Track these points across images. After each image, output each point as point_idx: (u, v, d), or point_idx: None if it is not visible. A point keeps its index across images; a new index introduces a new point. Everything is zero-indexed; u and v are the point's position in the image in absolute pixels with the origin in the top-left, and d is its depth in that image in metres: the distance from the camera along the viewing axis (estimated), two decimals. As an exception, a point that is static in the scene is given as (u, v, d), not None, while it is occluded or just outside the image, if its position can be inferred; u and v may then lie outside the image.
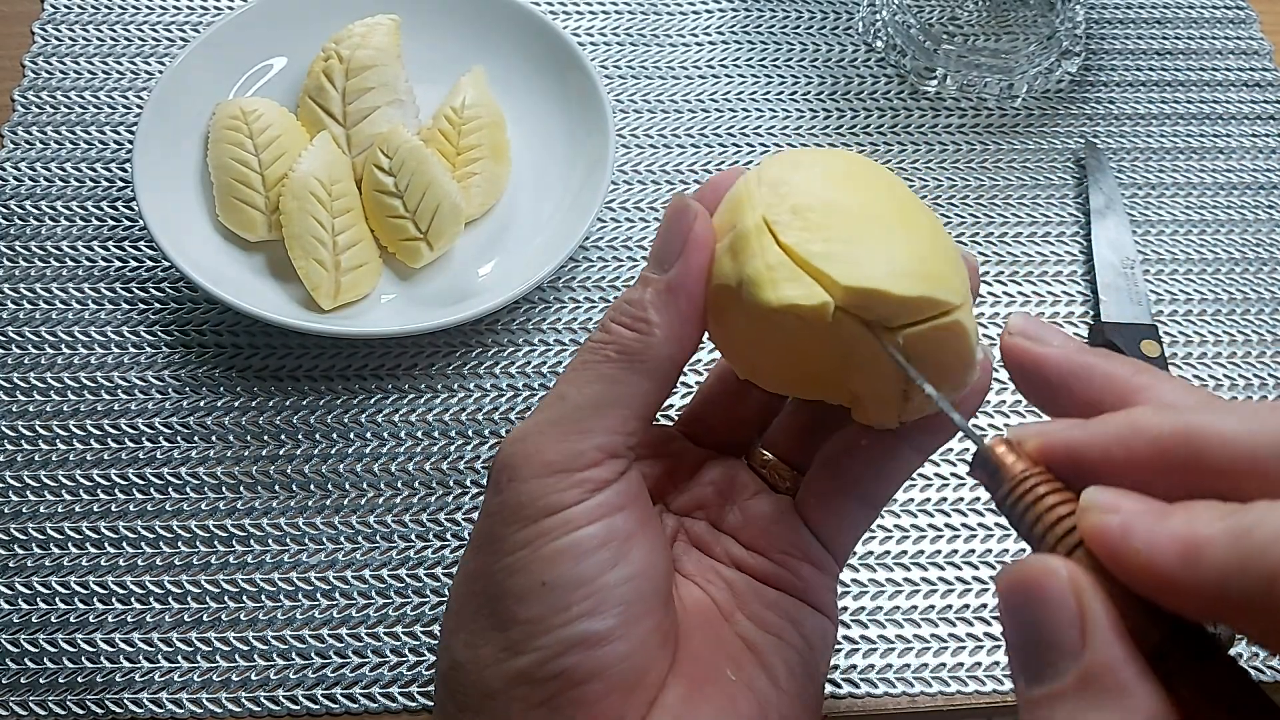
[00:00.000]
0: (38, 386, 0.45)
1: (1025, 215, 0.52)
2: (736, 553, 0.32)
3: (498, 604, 0.28)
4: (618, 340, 0.29)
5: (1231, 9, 0.61)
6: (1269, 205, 0.54)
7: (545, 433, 0.28)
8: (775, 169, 0.29)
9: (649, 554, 0.28)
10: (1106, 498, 0.21)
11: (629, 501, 0.28)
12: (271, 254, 0.47)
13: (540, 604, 0.27)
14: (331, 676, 0.40)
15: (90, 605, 0.41)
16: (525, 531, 0.27)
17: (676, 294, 0.29)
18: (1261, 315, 0.50)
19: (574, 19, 0.58)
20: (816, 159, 0.30)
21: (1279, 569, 0.18)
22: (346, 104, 0.48)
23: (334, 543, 0.42)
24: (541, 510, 0.27)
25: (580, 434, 0.28)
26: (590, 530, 0.27)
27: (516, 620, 0.27)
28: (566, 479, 0.27)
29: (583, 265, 0.50)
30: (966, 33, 0.57)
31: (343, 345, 0.47)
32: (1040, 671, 0.20)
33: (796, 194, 0.28)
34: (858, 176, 0.29)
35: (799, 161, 0.29)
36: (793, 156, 0.30)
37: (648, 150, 0.53)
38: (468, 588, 0.29)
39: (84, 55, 0.55)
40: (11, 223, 0.49)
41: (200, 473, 0.43)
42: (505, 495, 0.28)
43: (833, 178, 0.29)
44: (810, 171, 0.29)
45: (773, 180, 0.28)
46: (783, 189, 0.28)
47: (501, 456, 0.28)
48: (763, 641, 0.30)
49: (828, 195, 0.28)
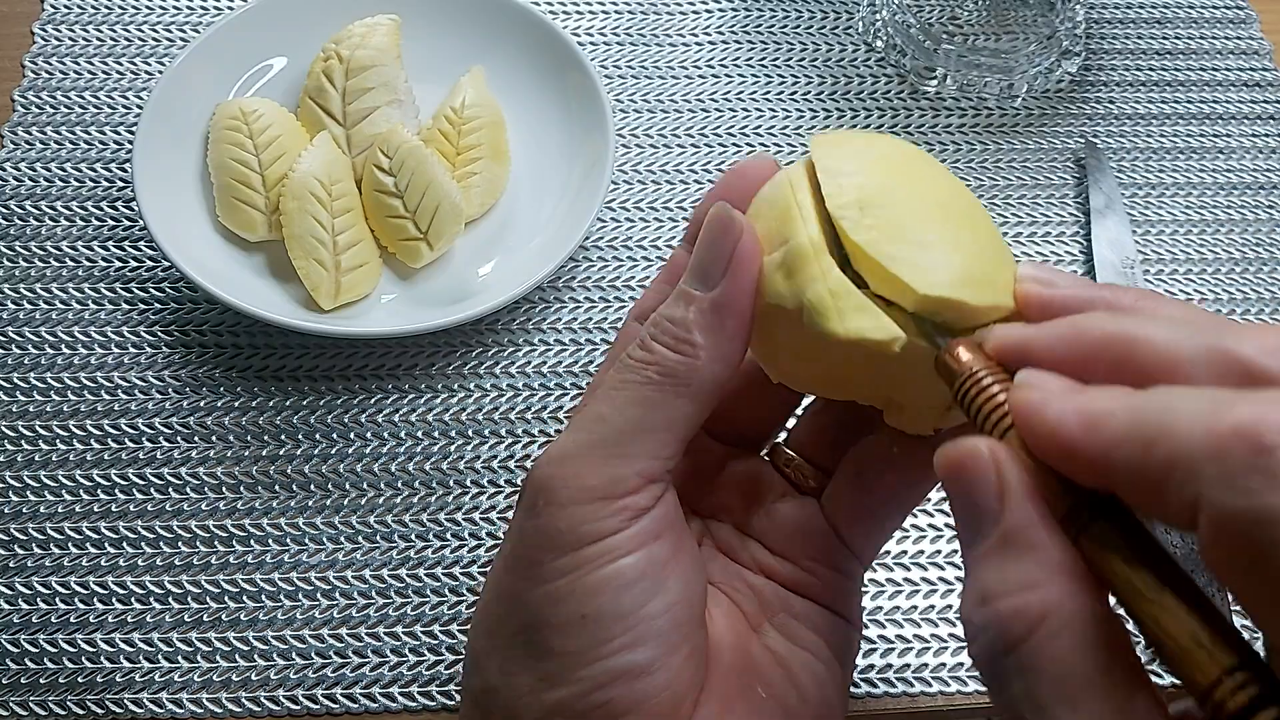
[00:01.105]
0: (38, 386, 0.45)
1: (1025, 215, 0.52)
2: (764, 559, 0.32)
3: (535, 633, 0.27)
4: (660, 361, 0.28)
5: (1231, 9, 0.61)
6: (1269, 205, 0.54)
7: (585, 456, 0.27)
8: (831, 158, 0.28)
9: (686, 579, 0.28)
10: (1034, 377, 0.23)
11: (666, 527, 0.28)
12: (271, 254, 0.47)
13: (580, 637, 0.26)
14: (331, 676, 0.40)
15: (90, 605, 0.41)
16: (564, 560, 0.27)
17: (723, 314, 0.27)
18: (1261, 315, 0.50)
19: (574, 19, 0.58)
20: (870, 144, 0.29)
21: (1156, 434, 0.20)
22: (346, 104, 0.48)
23: (334, 543, 0.42)
24: (581, 539, 0.27)
25: (621, 458, 0.27)
26: (630, 560, 0.27)
27: (555, 652, 0.27)
28: (607, 506, 0.27)
29: (583, 265, 0.50)
30: (966, 33, 0.57)
31: (343, 345, 0.47)
32: (972, 537, 0.23)
33: (861, 186, 0.27)
34: (913, 164, 0.29)
35: (853, 148, 0.28)
36: (843, 140, 0.29)
37: (648, 150, 0.53)
38: (501, 609, 0.28)
39: (84, 55, 0.55)
40: (11, 223, 0.49)
41: (200, 473, 0.43)
42: (542, 520, 0.27)
43: (893, 166, 0.28)
44: (868, 159, 0.28)
45: (832, 169, 0.27)
46: (844, 179, 0.27)
47: (538, 478, 0.28)
48: (791, 655, 0.30)
49: (892, 187, 0.27)
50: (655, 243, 0.50)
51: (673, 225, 0.51)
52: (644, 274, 0.49)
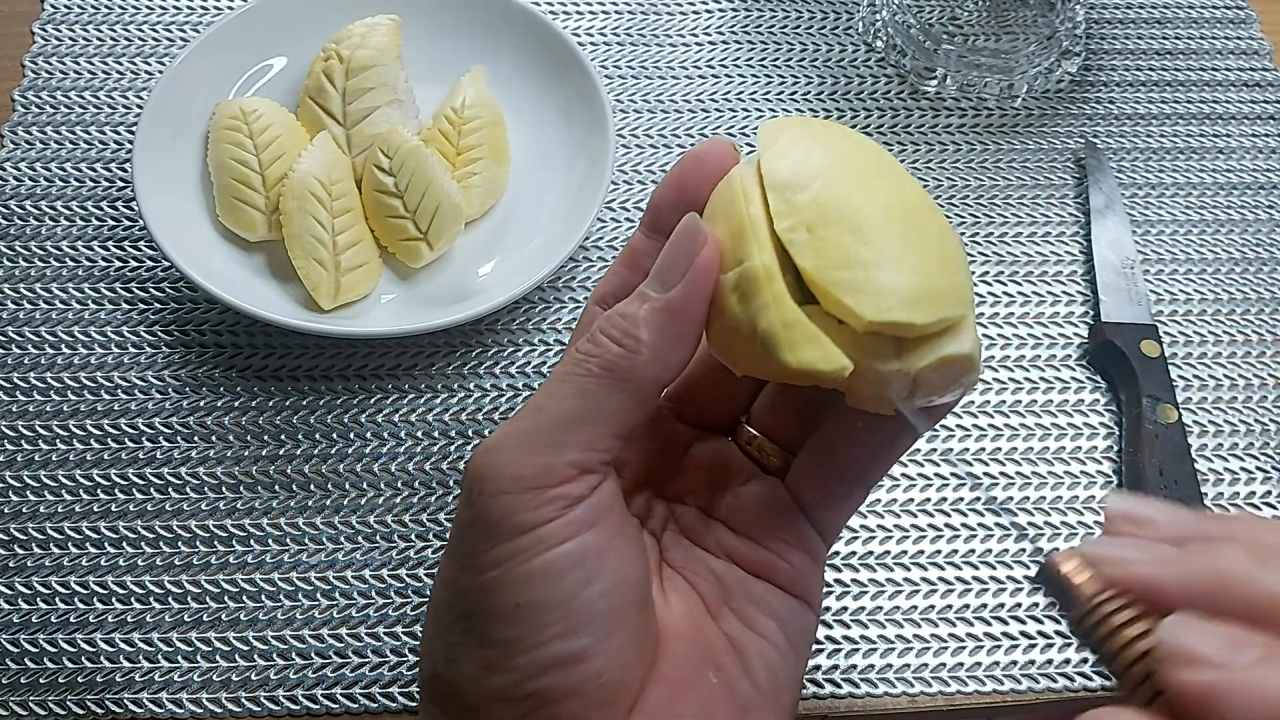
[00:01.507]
0: (38, 386, 0.45)
1: (1025, 215, 0.52)
2: (728, 541, 0.32)
3: (473, 621, 0.27)
4: (603, 354, 0.28)
5: (1231, 9, 0.61)
6: (1269, 205, 0.54)
7: (519, 445, 0.28)
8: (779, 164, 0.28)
9: (623, 566, 0.28)
10: (1190, 645, 0.21)
11: (601, 515, 0.28)
12: (271, 254, 0.47)
13: (515, 626, 0.27)
14: (331, 676, 0.40)
15: (90, 605, 0.41)
16: (497, 550, 0.27)
17: (674, 316, 0.28)
18: (1261, 315, 0.50)
19: (574, 19, 0.58)
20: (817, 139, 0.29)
21: None
22: (346, 104, 0.48)
23: (334, 543, 0.42)
24: (514, 529, 0.27)
25: (553, 448, 0.27)
26: (563, 549, 0.27)
27: (493, 640, 0.27)
28: (539, 495, 0.27)
29: (583, 265, 0.50)
30: (966, 33, 0.57)
31: (343, 345, 0.47)
32: None
33: (807, 203, 0.27)
34: (861, 162, 0.29)
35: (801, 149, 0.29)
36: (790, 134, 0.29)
37: (648, 150, 0.53)
38: (445, 598, 0.29)
39: (84, 55, 0.55)
40: (11, 223, 0.49)
41: (200, 473, 0.43)
42: (476, 509, 0.27)
43: (841, 169, 0.28)
44: (815, 162, 0.28)
45: (780, 181, 0.28)
46: (791, 194, 0.28)
47: (472, 467, 0.28)
48: (747, 641, 0.30)
49: (839, 198, 0.27)
50: (655, 243, 0.50)
51: (673, 225, 0.51)
52: (644, 274, 0.49)
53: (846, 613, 0.41)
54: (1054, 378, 0.48)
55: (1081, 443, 0.46)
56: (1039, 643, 0.41)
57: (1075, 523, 0.44)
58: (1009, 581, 0.42)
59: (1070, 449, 0.46)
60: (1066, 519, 0.44)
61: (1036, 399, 0.47)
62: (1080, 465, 0.45)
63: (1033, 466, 0.45)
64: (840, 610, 0.42)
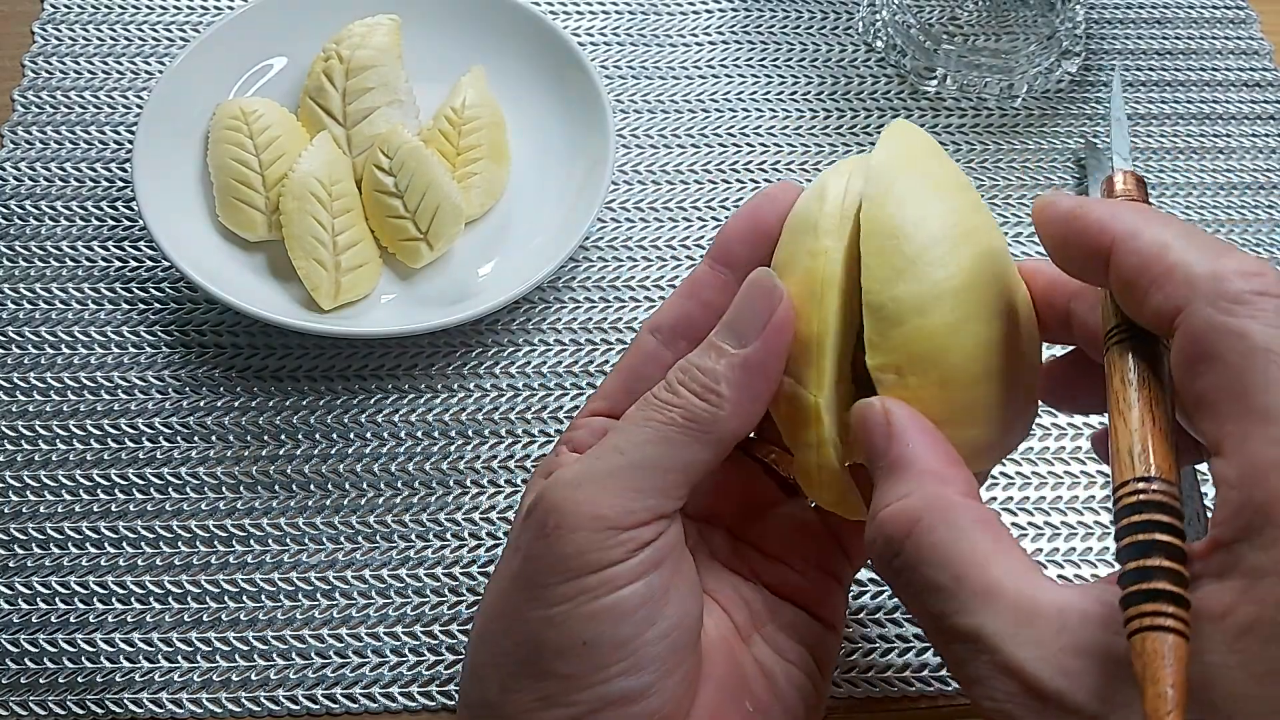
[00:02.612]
0: (38, 386, 0.45)
1: (1025, 215, 0.52)
2: (758, 563, 0.32)
3: (535, 654, 0.28)
4: (686, 406, 0.28)
5: (1231, 9, 0.61)
6: (1269, 205, 0.54)
7: (601, 484, 0.28)
8: (880, 258, 0.28)
9: (683, 605, 0.28)
10: None
11: (667, 555, 0.28)
12: (271, 254, 0.47)
13: (579, 662, 0.27)
14: (331, 676, 0.40)
15: (90, 605, 0.41)
16: (567, 585, 0.27)
17: (752, 374, 0.29)
18: (1261, 315, 0.50)
19: (574, 19, 0.58)
20: (928, 211, 0.28)
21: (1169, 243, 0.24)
22: (346, 104, 0.48)
23: (334, 543, 0.42)
24: (586, 565, 0.27)
25: (635, 492, 0.28)
26: (631, 590, 0.27)
27: (554, 674, 0.27)
28: (614, 536, 0.27)
29: (583, 265, 0.50)
30: (966, 33, 0.57)
31: (343, 345, 0.47)
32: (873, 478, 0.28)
33: (901, 343, 0.28)
34: (976, 266, 0.28)
35: (917, 214, 0.28)
36: (904, 189, 0.29)
37: (648, 150, 0.53)
38: (503, 626, 0.29)
39: (84, 55, 0.55)
40: (11, 223, 0.49)
41: (200, 473, 0.43)
42: (551, 542, 0.28)
43: (951, 291, 0.28)
44: (932, 255, 0.28)
45: (877, 302, 0.28)
46: (888, 329, 0.28)
47: (551, 500, 0.28)
48: (778, 669, 0.31)
49: (938, 347, 0.28)
50: (655, 243, 0.50)
51: (672, 225, 0.51)
52: (644, 274, 0.49)
53: (847, 613, 0.41)
54: (1054, 378, 0.48)
55: (1081, 442, 0.46)
56: (1039, 643, 0.41)
57: (1075, 523, 0.44)
58: (1009, 581, 0.42)
59: (1070, 449, 0.46)
60: (1067, 519, 0.44)
61: (1036, 399, 0.47)
62: (1080, 465, 0.45)
63: (1032, 466, 0.45)
64: (840, 610, 0.42)
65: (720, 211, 0.52)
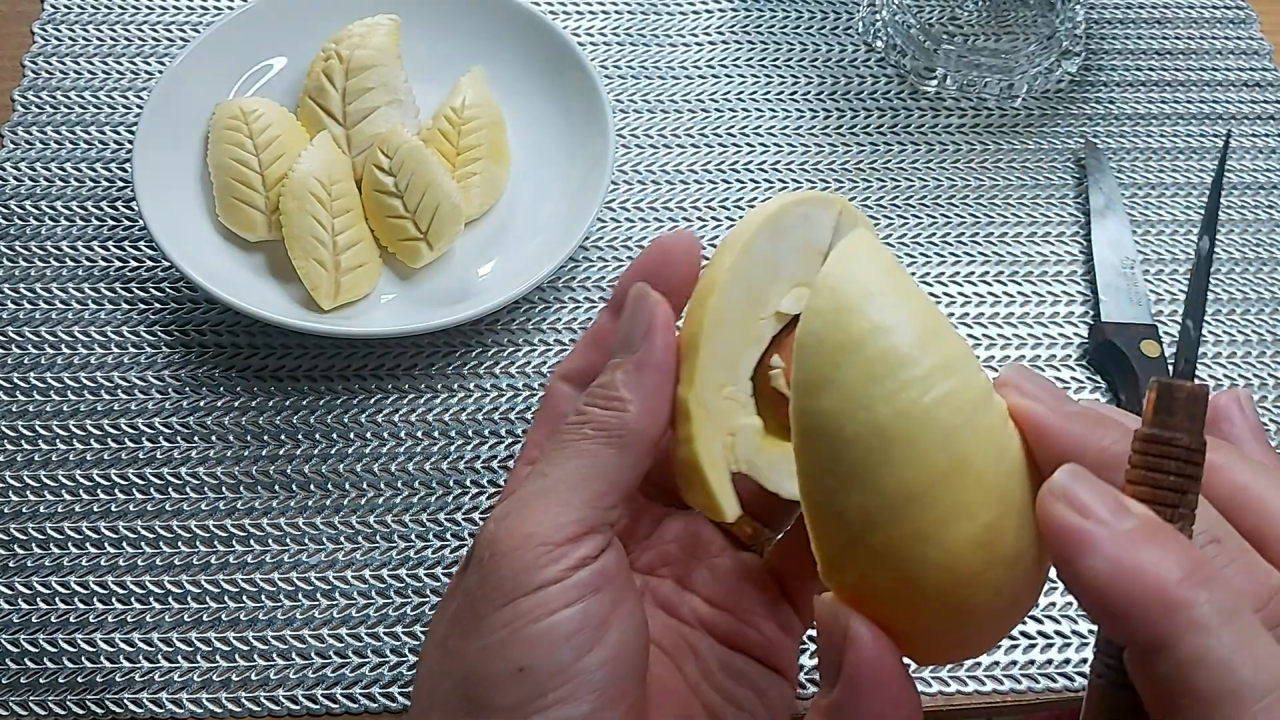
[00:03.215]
0: (38, 386, 0.45)
1: (1025, 215, 0.52)
2: (703, 612, 0.32)
3: (472, 689, 0.27)
4: (593, 419, 0.29)
5: (1231, 9, 0.61)
6: (1269, 205, 0.54)
7: (528, 505, 0.28)
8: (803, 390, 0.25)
9: (626, 635, 0.28)
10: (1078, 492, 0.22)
11: (607, 581, 0.28)
12: (271, 254, 0.47)
13: (516, 691, 0.27)
14: (331, 676, 0.40)
15: (90, 605, 0.41)
16: (502, 612, 0.27)
17: (645, 371, 0.29)
18: (1261, 315, 0.50)
19: (574, 19, 0.58)
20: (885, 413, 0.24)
21: None
22: (346, 104, 0.48)
23: (334, 543, 0.42)
24: (521, 587, 0.27)
25: (561, 507, 0.28)
26: (568, 613, 0.27)
27: (492, 707, 0.27)
28: (546, 553, 0.27)
29: (583, 265, 0.50)
30: (966, 33, 0.57)
31: (343, 345, 0.47)
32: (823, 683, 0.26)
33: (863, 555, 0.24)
34: (955, 447, 0.24)
35: None
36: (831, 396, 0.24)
37: (648, 150, 0.53)
38: (441, 664, 0.28)
39: (84, 55, 0.55)
40: (11, 223, 0.49)
41: (200, 473, 0.43)
42: (487, 571, 0.28)
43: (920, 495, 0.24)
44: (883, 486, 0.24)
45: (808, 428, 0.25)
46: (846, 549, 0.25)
47: (485, 535, 0.29)
48: (727, 714, 0.31)
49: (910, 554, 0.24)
50: (655, 243, 0.50)
51: (672, 225, 0.51)
52: (644, 274, 0.49)
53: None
54: (1054, 378, 0.48)
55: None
56: (1039, 643, 0.41)
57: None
58: (1009, 581, 0.42)
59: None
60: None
61: (1036, 399, 0.47)
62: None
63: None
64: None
65: (720, 211, 0.52)
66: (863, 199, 0.52)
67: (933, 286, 0.50)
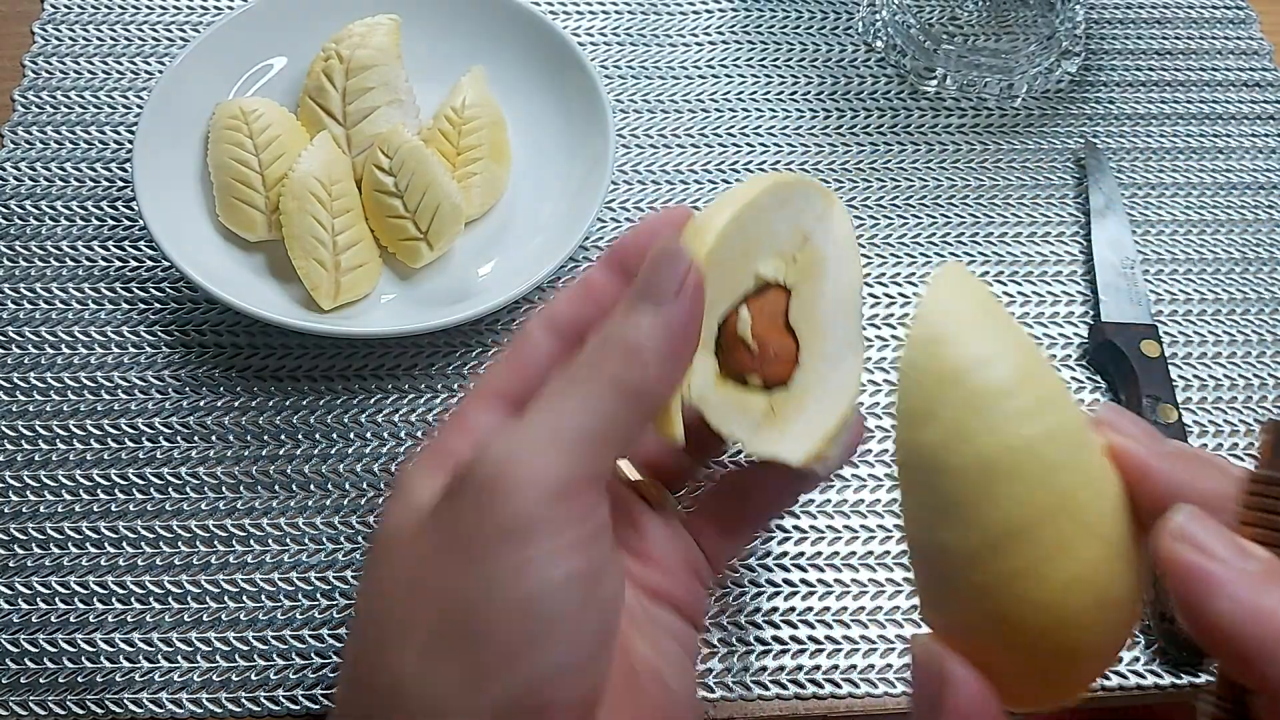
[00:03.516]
0: (38, 386, 0.45)
1: (1025, 215, 0.52)
2: (632, 568, 0.33)
3: (467, 617, 0.27)
4: (611, 372, 0.29)
5: (1231, 9, 0.61)
6: (1269, 205, 0.54)
7: (538, 452, 0.28)
8: None
9: (614, 585, 0.29)
10: (1199, 534, 0.22)
11: (605, 531, 0.28)
12: (271, 254, 0.47)
13: (516, 629, 0.26)
14: (331, 677, 0.40)
15: (90, 605, 0.41)
16: (510, 551, 0.27)
17: (673, 334, 0.29)
18: (1261, 315, 0.50)
19: (574, 19, 0.58)
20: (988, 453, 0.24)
21: None
22: (346, 104, 0.48)
23: (334, 543, 0.42)
24: (530, 530, 0.27)
25: (571, 459, 0.28)
26: (576, 562, 0.27)
27: (489, 640, 0.26)
28: (556, 505, 0.27)
29: (583, 265, 0.50)
30: (966, 33, 0.57)
31: (343, 345, 0.47)
32: None
33: (963, 592, 0.24)
34: (1051, 491, 0.24)
35: None
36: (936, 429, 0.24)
37: (648, 150, 0.53)
38: (425, 594, 0.28)
39: (84, 55, 0.55)
40: (11, 223, 0.49)
41: (200, 473, 0.43)
42: (494, 508, 0.27)
43: (1019, 532, 0.24)
44: (983, 524, 0.24)
45: None
46: (943, 584, 0.25)
47: (490, 467, 0.28)
48: (659, 661, 0.31)
49: (1006, 593, 0.24)
50: (655, 243, 0.50)
51: (673, 225, 0.51)
52: (644, 274, 0.49)
53: (846, 613, 0.41)
54: (1054, 378, 0.48)
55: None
56: (1039, 643, 0.41)
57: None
58: (1009, 581, 0.42)
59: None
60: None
61: (1036, 399, 0.47)
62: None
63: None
64: (840, 610, 0.42)
65: (720, 211, 0.52)
66: (863, 199, 0.52)
67: (933, 286, 0.50)
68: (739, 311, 0.32)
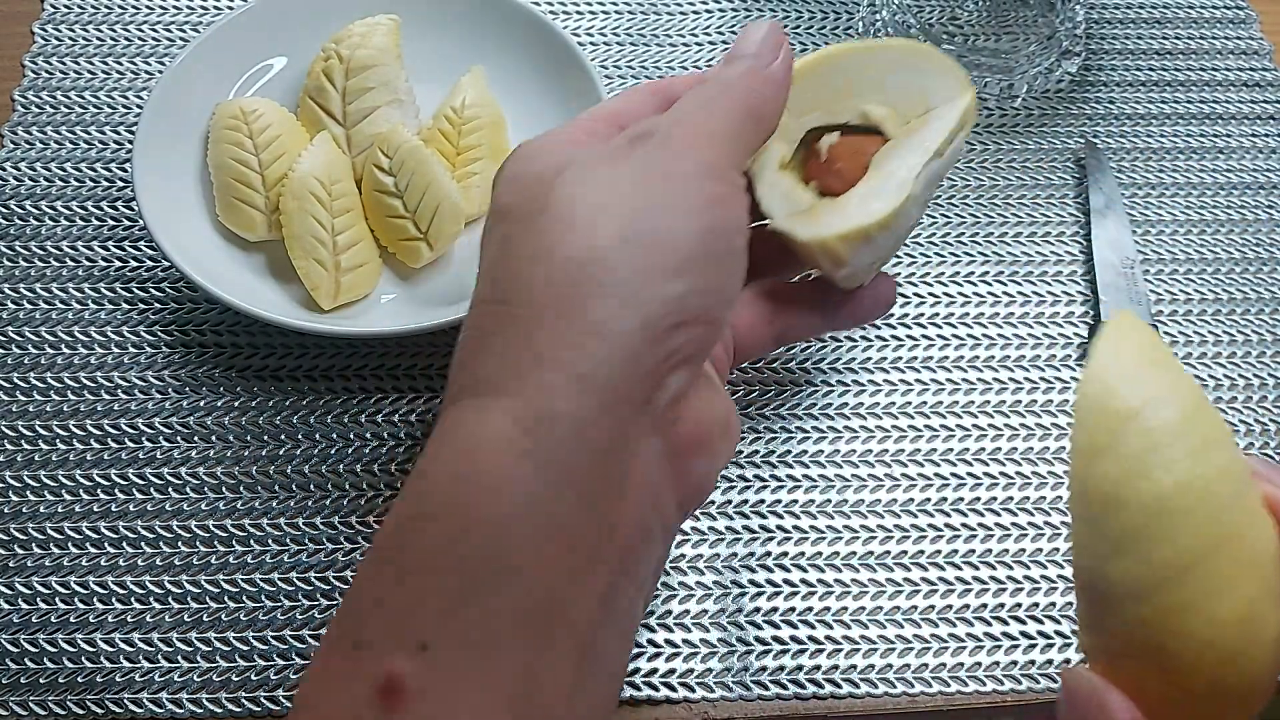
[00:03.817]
0: (38, 386, 0.45)
1: (1025, 215, 0.52)
2: None
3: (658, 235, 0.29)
4: (737, 91, 0.32)
5: (1231, 9, 0.61)
6: (1269, 205, 0.54)
7: (706, 131, 0.31)
8: None
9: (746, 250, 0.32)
10: None
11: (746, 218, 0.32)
12: (271, 254, 0.47)
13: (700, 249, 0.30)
14: (331, 676, 0.40)
15: (90, 605, 0.41)
16: (705, 189, 0.30)
17: (776, 84, 0.33)
18: (1261, 315, 0.50)
19: (574, 19, 0.58)
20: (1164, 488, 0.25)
21: None
22: (346, 104, 0.48)
23: (334, 543, 0.42)
24: (719, 176, 0.31)
25: (723, 147, 0.31)
26: (743, 216, 0.32)
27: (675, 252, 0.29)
28: (730, 169, 0.31)
29: (583, 265, 0.50)
30: (966, 33, 0.57)
31: (343, 345, 0.47)
32: None
33: (1129, 623, 0.26)
34: (1216, 528, 0.25)
35: None
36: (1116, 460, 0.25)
37: (648, 150, 0.53)
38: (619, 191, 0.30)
39: (84, 55, 0.55)
40: (11, 223, 0.49)
41: (200, 473, 0.43)
42: (681, 157, 0.30)
43: (1184, 570, 0.25)
44: (1150, 559, 0.25)
45: None
46: (1108, 614, 0.26)
47: (670, 125, 0.31)
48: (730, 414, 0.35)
49: (1169, 628, 0.24)
50: (655, 243, 0.50)
51: (673, 225, 0.51)
52: (644, 274, 0.49)
53: (846, 613, 0.41)
54: (1054, 378, 0.48)
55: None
56: (1039, 643, 0.41)
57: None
58: (1009, 581, 0.42)
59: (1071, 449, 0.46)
60: (1067, 519, 0.44)
61: (1036, 399, 0.47)
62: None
63: (1033, 466, 0.45)
64: (840, 610, 0.42)
65: (720, 211, 0.52)
66: (863, 199, 0.52)
67: (933, 286, 0.50)
68: (825, 134, 0.36)
